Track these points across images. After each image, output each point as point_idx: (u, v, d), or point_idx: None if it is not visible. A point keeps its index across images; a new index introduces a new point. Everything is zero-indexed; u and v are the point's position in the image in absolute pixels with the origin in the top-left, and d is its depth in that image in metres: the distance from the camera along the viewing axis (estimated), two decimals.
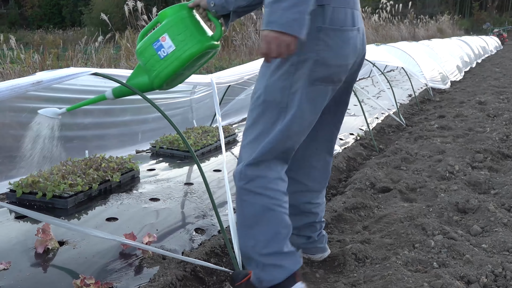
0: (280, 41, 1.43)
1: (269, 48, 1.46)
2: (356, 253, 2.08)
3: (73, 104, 2.14)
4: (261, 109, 1.67)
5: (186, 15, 1.88)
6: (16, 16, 36.08)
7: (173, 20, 1.87)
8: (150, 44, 1.86)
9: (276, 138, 1.65)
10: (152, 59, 1.86)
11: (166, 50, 1.84)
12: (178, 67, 1.87)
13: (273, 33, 1.43)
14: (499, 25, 30.72)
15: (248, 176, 1.70)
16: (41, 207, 2.46)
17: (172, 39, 1.84)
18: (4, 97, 1.52)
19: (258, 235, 1.68)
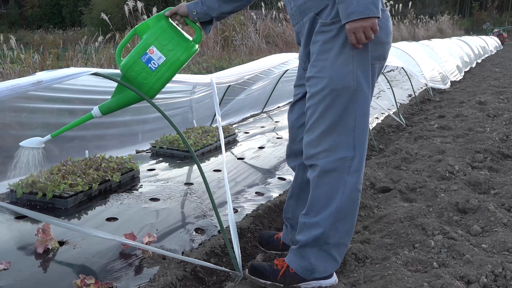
0: (365, 27, 1.55)
1: (358, 37, 1.57)
2: (356, 253, 2.08)
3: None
4: (331, 99, 1.69)
5: (166, 25, 1.95)
6: (16, 16, 36.09)
7: (157, 31, 1.92)
8: (138, 58, 1.90)
9: (359, 122, 1.70)
10: (143, 72, 1.90)
11: (156, 62, 1.90)
12: (171, 76, 1.94)
13: (355, 23, 1.54)
14: (499, 25, 30.72)
15: (353, 172, 1.71)
16: (41, 207, 2.46)
17: (161, 50, 1.90)
18: (4, 97, 1.51)
19: (342, 226, 1.75)
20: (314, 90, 1.73)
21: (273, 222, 2.59)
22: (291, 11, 1.83)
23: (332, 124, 1.70)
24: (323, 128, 1.72)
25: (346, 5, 1.55)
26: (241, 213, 2.54)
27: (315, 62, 1.72)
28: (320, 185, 1.74)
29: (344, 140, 1.70)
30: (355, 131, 1.71)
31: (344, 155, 1.70)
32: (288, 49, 12.14)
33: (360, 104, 1.70)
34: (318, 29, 1.70)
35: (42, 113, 2.99)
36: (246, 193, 2.85)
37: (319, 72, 1.71)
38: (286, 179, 3.16)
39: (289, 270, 1.81)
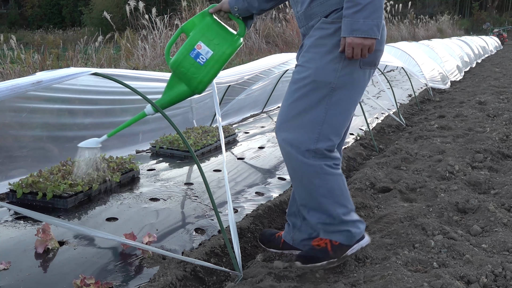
0: (364, 45, 1.69)
1: (355, 52, 1.71)
2: (356, 253, 2.08)
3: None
4: (309, 88, 1.80)
5: (211, 21, 2.04)
6: (16, 16, 36.06)
7: (203, 28, 2.01)
8: (187, 54, 1.98)
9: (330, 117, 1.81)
10: (193, 67, 1.98)
11: (204, 57, 1.98)
12: (219, 69, 2.02)
13: (357, 39, 1.68)
14: (499, 25, 30.72)
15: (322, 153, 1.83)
16: (41, 207, 2.46)
17: (208, 45, 1.98)
18: (4, 97, 1.52)
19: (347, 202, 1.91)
20: (297, 76, 1.85)
21: (273, 222, 2.59)
22: (297, 15, 1.93)
23: (302, 112, 1.82)
24: (293, 113, 1.84)
25: (352, 21, 1.67)
26: (241, 213, 2.54)
27: (305, 53, 1.84)
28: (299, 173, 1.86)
29: (309, 131, 1.81)
30: (323, 125, 1.81)
31: (306, 148, 1.81)
32: (288, 49, 12.14)
33: (334, 102, 1.80)
34: (318, 25, 1.81)
35: (42, 113, 2.99)
36: (246, 193, 2.85)
37: (306, 62, 1.83)
38: (286, 179, 3.16)
39: (334, 243, 1.93)
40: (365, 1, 1.66)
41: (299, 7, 1.89)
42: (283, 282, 1.88)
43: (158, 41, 9.80)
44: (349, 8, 1.68)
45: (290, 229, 2.13)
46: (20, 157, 2.89)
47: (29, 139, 2.97)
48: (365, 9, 1.66)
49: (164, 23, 10.08)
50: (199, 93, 2.05)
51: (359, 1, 1.66)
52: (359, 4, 1.66)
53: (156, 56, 9.34)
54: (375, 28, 1.69)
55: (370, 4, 1.66)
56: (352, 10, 1.67)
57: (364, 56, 1.72)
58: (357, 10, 1.67)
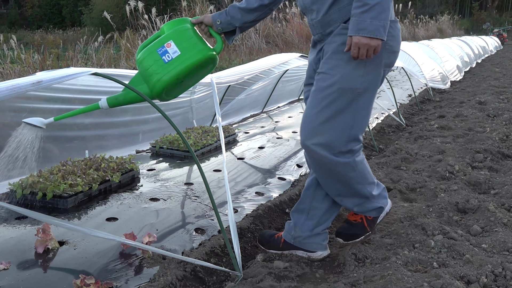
0: (370, 45, 1.71)
1: (361, 52, 1.73)
2: (356, 253, 2.08)
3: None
4: (336, 95, 1.85)
5: (190, 27, 2.02)
6: (16, 16, 36.04)
7: (178, 29, 1.99)
8: (155, 50, 1.94)
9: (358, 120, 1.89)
10: (156, 64, 1.92)
11: (171, 55, 1.93)
12: (181, 72, 1.94)
13: (364, 39, 1.70)
14: (499, 25, 30.71)
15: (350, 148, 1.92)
16: (41, 207, 2.46)
17: (177, 45, 1.94)
18: (4, 97, 1.52)
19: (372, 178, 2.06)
20: (322, 84, 1.87)
21: (273, 222, 2.59)
22: (311, 22, 1.96)
23: (331, 118, 1.86)
24: (321, 120, 1.87)
25: (359, 20, 1.70)
26: (241, 213, 2.54)
27: (328, 60, 1.87)
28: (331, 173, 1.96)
29: (339, 136, 1.88)
30: (352, 129, 1.89)
31: (338, 150, 1.89)
32: (288, 49, 12.15)
33: (361, 105, 1.87)
34: (338, 31, 1.85)
35: (42, 113, 2.99)
36: (246, 193, 2.85)
37: (331, 69, 1.85)
38: (286, 179, 3.16)
39: (368, 218, 2.11)
40: (373, 2, 1.68)
41: (315, 15, 1.91)
42: (283, 282, 1.88)
43: None
44: (357, 8, 1.71)
45: (291, 228, 2.16)
46: None
47: None
48: (372, 9, 1.68)
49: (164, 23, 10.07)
50: (157, 94, 1.96)
51: (367, 1, 1.68)
52: (367, 5, 1.68)
53: None
54: (382, 29, 1.70)
55: (378, 5, 1.68)
56: (360, 10, 1.70)
57: (369, 57, 1.74)
58: (364, 10, 1.69)
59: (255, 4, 2.06)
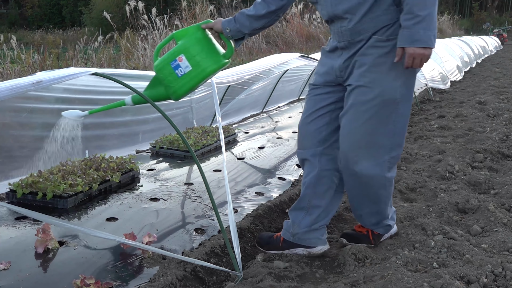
0: (425, 55, 1.79)
1: (415, 62, 1.80)
2: (356, 253, 2.08)
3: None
4: (378, 108, 1.91)
5: (201, 36, 2.06)
6: (16, 16, 36.03)
7: (190, 41, 2.03)
8: (168, 63, 2.01)
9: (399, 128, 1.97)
10: (170, 76, 2.01)
11: (183, 70, 2.00)
12: (194, 86, 2.04)
13: (418, 49, 1.77)
14: (499, 25, 30.70)
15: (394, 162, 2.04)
16: (41, 207, 2.46)
17: (189, 59, 2.00)
18: (4, 97, 1.52)
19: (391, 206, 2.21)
20: (363, 98, 1.92)
21: (273, 222, 2.59)
22: (340, 29, 1.96)
23: (375, 130, 1.94)
24: (365, 133, 1.95)
25: (412, 32, 1.76)
26: (241, 213, 2.54)
27: (366, 73, 1.90)
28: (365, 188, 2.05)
29: (384, 145, 1.96)
30: (394, 136, 1.97)
31: (384, 159, 1.98)
32: (288, 49, 12.15)
33: (400, 113, 1.94)
34: (372, 43, 1.89)
35: (42, 113, 2.99)
36: (246, 193, 2.85)
37: (371, 83, 1.90)
38: (286, 179, 3.16)
39: (374, 233, 2.22)
40: (424, 13, 1.74)
41: (346, 23, 1.92)
42: (283, 282, 1.88)
43: (158, 41, 9.80)
44: (408, 20, 1.76)
45: (289, 225, 2.19)
46: (20, 157, 2.89)
47: (29, 139, 2.96)
48: (424, 20, 1.74)
49: (164, 23, 10.09)
50: (175, 100, 2.10)
51: (419, 13, 1.73)
52: (419, 16, 1.74)
53: None
54: (433, 38, 1.78)
55: (428, 15, 1.75)
56: (412, 22, 1.75)
57: (421, 66, 1.83)
58: (417, 22, 1.74)
59: (263, 11, 2.09)
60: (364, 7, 1.86)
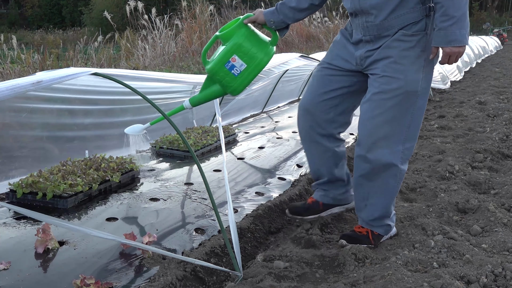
0: (460, 52, 1.90)
1: (451, 60, 1.94)
2: (356, 253, 2.08)
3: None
4: (401, 98, 2.00)
5: (247, 31, 2.14)
6: (16, 16, 36.04)
7: (238, 40, 2.11)
8: (222, 65, 2.12)
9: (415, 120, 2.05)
10: (228, 77, 2.13)
11: (238, 69, 2.13)
12: (252, 79, 2.19)
13: (455, 48, 1.89)
14: (499, 25, 30.69)
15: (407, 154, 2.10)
16: (41, 207, 2.46)
17: (242, 58, 2.11)
18: (4, 97, 1.52)
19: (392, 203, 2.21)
20: (387, 87, 2.00)
21: (273, 222, 2.59)
22: (365, 24, 2.03)
23: (394, 120, 2.02)
24: (384, 122, 2.03)
25: (448, 32, 1.87)
26: (241, 213, 2.54)
27: (392, 64, 1.99)
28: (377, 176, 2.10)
29: (400, 135, 2.04)
30: (410, 128, 2.05)
31: (398, 149, 2.05)
32: (288, 49, 12.15)
33: (418, 106, 2.04)
34: (397, 37, 1.98)
35: (42, 113, 2.99)
36: (246, 193, 2.85)
37: (396, 73, 1.99)
38: (286, 179, 3.16)
39: (374, 233, 2.22)
40: (459, 14, 1.84)
41: (372, 18, 2.00)
42: (283, 282, 1.88)
43: (158, 41, 9.81)
44: (444, 21, 1.86)
45: (328, 191, 2.44)
46: (20, 157, 2.89)
47: (29, 139, 2.96)
48: (459, 21, 1.85)
49: (164, 23, 10.09)
50: (234, 96, 2.29)
51: (454, 15, 1.84)
52: (454, 17, 1.84)
53: (156, 56, 9.34)
54: (467, 35, 1.89)
55: (463, 15, 1.86)
56: (448, 23, 1.85)
57: (456, 61, 1.96)
58: (453, 23, 1.85)
59: (306, 5, 2.19)
60: (391, 5, 1.94)
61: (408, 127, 2.04)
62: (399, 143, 2.04)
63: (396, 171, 2.08)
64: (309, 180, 3.15)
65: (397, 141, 2.04)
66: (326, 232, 2.43)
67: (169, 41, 9.98)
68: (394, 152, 2.05)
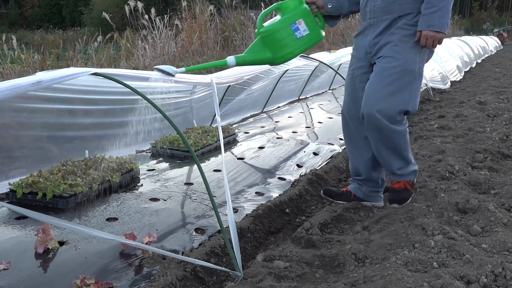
0: (437, 37, 2.26)
1: (429, 42, 2.27)
2: (356, 253, 2.08)
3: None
4: (400, 75, 2.33)
5: (309, 9, 2.39)
6: (16, 16, 36.04)
7: (303, 11, 2.35)
8: (288, 25, 2.30)
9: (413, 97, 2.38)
10: (289, 38, 2.29)
11: (301, 33, 2.32)
12: (307, 48, 2.36)
13: (432, 32, 2.25)
14: (499, 25, 30.68)
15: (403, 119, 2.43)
16: (41, 207, 2.46)
17: (306, 24, 2.33)
18: (4, 97, 1.52)
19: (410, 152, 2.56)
20: (388, 65, 2.34)
21: (273, 222, 2.59)
22: (372, 8, 2.41)
23: (395, 92, 2.33)
24: (386, 93, 2.33)
25: (430, 18, 2.24)
26: (241, 213, 2.54)
27: (393, 47, 2.35)
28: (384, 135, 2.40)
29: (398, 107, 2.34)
30: (409, 103, 2.36)
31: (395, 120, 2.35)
32: None
33: (415, 87, 2.39)
34: (400, 25, 2.35)
35: (42, 113, 2.99)
36: (246, 193, 2.85)
37: (396, 53, 2.34)
38: (286, 179, 3.16)
39: (409, 183, 2.59)
40: (441, 4, 2.22)
41: (379, 2, 2.38)
42: (283, 282, 1.88)
43: (158, 41, 9.81)
44: (428, 9, 2.24)
45: (362, 186, 2.69)
46: (20, 157, 2.89)
47: (29, 139, 2.97)
48: (440, 10, 2.22)
49: (164, 23, 10.09)
50: (278, 63, 2.39)
51: (436, 4, 2.22)
52: (436, 6, 2.22)
53: (156, 56, 9.34)
54: (446, 25, 2.24)
55: (444, 6, 2.22)
56: (430, 10, 2.23)
57: (434, 46, 2.29)
58: (434, 11, 2.22)
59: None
60: None
61: (408, 104, 2.35)
62: (397, 115, 2.34)
63: (401, 133, 2.40)
64: (309, 180, 3.15)
65: (398, 113, 2.34)
66: (326, 232, 2.43)
67: (169, 41, 9.98)
68: (395, 123, 2.35)
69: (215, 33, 11.30)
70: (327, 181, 3.29)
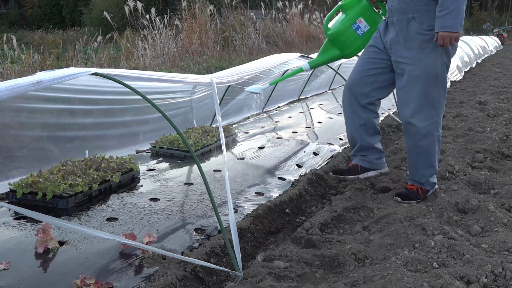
0: (452, 37, 2.43)
1: (445, 42, 2.43)
2: (356, 253, 2.08)
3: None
4: (424, 81, 2.56)
5: (368, 4, 2.74)
6: (16, 16, 36.02)
7: (363, 7, 2.72)
8: (350, 26, 2.72)
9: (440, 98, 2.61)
10: (352, 37, 2.73)
11: (363, 30, 2.73)
12: (369, 40, 2.72)
13: (447, 33, 2.41)
14: (499, 25, 30.67)
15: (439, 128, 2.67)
16: (41, 207, 2.46)
17: (366, 20, 2.72)
18: (4, 97, 1.52)
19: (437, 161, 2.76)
20: (413, 74, 2.57)
21: (273, 222, 2.59)
22: (392, 7, 2.62)
23: (423, 98, 2.57)
24: (418, 101, 2.58)
25: (444, 20, 2.40)
26: (241, 213, 2.54)
27: (415, 54, 2.56)
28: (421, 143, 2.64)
29: (432, 110, 2.59)
30: (438, 103, 2.60)
31: (433, 120, 2.61)
32: (288, 49, 12.15)
33: (440, 86, 2.59)
34: (418, 31, 2.54)
35: (42, 113, 2.99)
36: (246, 193, 2.85)
37: (418, 62, 2.55)
38: (286, 179, 3.16)
39: (423, 189, 2.76)
40: (453, 6, 2.37)
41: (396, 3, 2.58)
42: (283, 282, 1.88)
43: (158, 41, 9.81)
44: (441, 11, 2.41)
45: (365, 157, 2.94)
46: (20, 157, 2.89)
47: (29, 139, 2.97)
48: (453, 11, 2.38)
49: (164, 23, 10.09)
50: (348, 57, 2.84)
51: (448, 6, 2.38)
52: (449, 8, 2.38)
53: (156, 56, 9.34)
54: (460, 25, 2.40)
55: (457, 8, 2.38)
56: (443, 13, 2.40)
57: (451, 45, 2.46)
58: (447, 13, 2.38)
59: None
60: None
61: (439, 102, 2.59)
62: (434, 116, 2.59)
63: (435, 137, 2.63)
64: (309, 180, 3.15)
65: (431, 115, 2.58)
66: (326, 232, 2.44)
67: (169, 41, 9.98)
68: (431, 124, 2.59)
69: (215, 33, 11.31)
70: (327, 181, 3.29)
